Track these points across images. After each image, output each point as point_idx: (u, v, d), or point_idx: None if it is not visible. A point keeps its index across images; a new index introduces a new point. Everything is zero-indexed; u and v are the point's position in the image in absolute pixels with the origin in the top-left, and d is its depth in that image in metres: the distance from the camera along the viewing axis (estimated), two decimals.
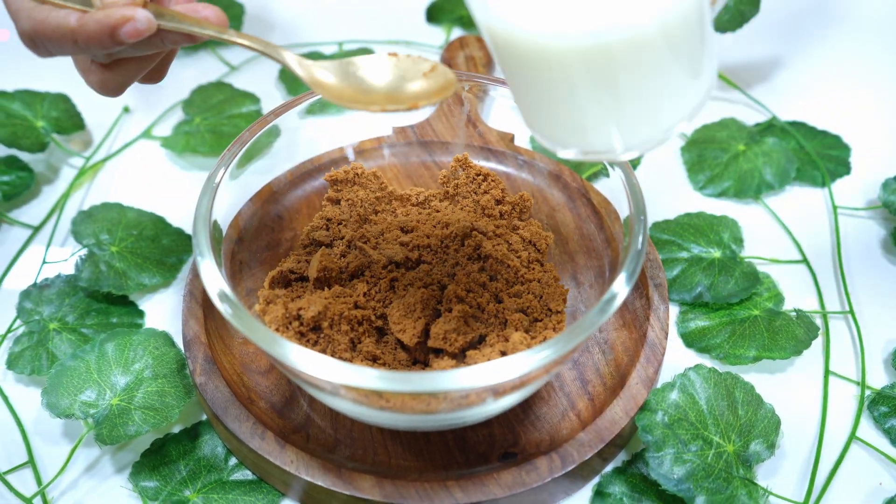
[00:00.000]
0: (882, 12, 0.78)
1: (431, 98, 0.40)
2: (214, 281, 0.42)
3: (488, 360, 0.44)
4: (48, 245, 0.59)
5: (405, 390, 0.38)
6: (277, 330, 0.45)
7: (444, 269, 0.49)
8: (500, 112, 0.63)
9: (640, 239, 0.44)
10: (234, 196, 0.50)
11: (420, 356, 0.47)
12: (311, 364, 0.39)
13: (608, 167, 0.49)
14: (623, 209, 0.47)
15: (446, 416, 0.42)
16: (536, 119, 0.41)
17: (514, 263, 0.50)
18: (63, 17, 0.39)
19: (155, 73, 0.45)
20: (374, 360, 0.46)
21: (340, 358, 0.45)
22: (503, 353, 0.45)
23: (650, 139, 0.39)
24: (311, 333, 0.46)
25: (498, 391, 0.41)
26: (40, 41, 0.40)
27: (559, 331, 0.47)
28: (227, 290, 0.42)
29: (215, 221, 0.46)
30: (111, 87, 0.44)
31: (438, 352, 0.46)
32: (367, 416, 0.43)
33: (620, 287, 0.42)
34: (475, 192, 0.54)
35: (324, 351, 0.45)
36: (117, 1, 0.40)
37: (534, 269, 0.51)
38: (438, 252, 0.50)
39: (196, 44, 0.41)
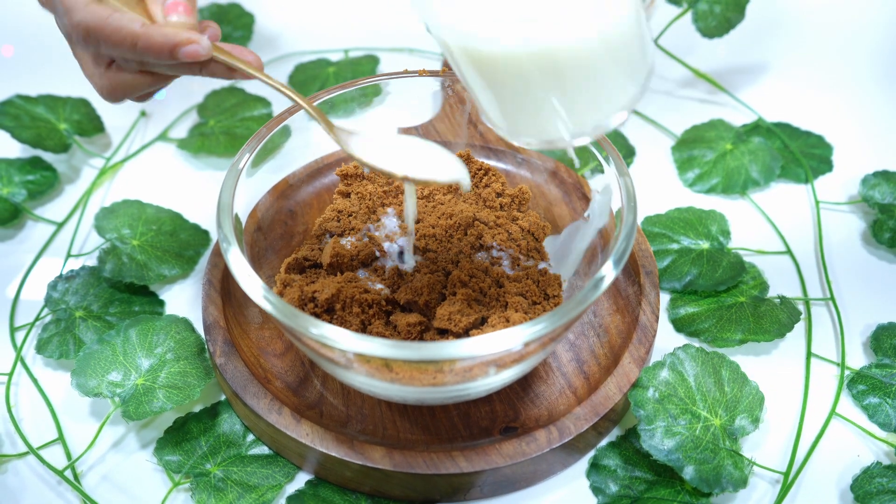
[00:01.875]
0: (861, 19, 0.82)
1: (442, 184, 0.47)
2: (240, 264, 0.46)
3: None
4: (72, 239, 0.62)
5: (413, 358, 0.41)
6: None
7: (449, 257, 0.52)
8: None
9: (630, 223, 0.47)
10: (251, 191, 0.53)
11: (426, 337, 0.50)
12: (329, 336, 0.42)
13: (602, 163, 0.52)
14: (616, 203, 0.51)
15: (452, 389, 0.45)
16: (492, 113, 0.45)
17: (513, 251, 0.53)
18: (128, 20, 0.43)
19: (148, 95, 0.50)
20: None
21: None
22: None
23: (597, 127, 0.44)
24: (325, 315, 0.49)
25: (499, 363, 0.44)
26: (94, 36, 0.44)
27: None
28: (252, 272, 0.45)
29: (236, 214, 0.49)
30: (118, 94, 0.47)
31: (444, 332, 0.49)
32: (377, 390, 0.46)
33: (608, 270, 0.45)
34: (477, 186, 0.58)
35: None
36: (179, 22, 0.44)
37: (532, 256, 0.54)
38: (443, 241, 0.54)
39: (232, 79, 0.47)
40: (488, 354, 0.42)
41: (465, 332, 0.49)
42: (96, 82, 0.47)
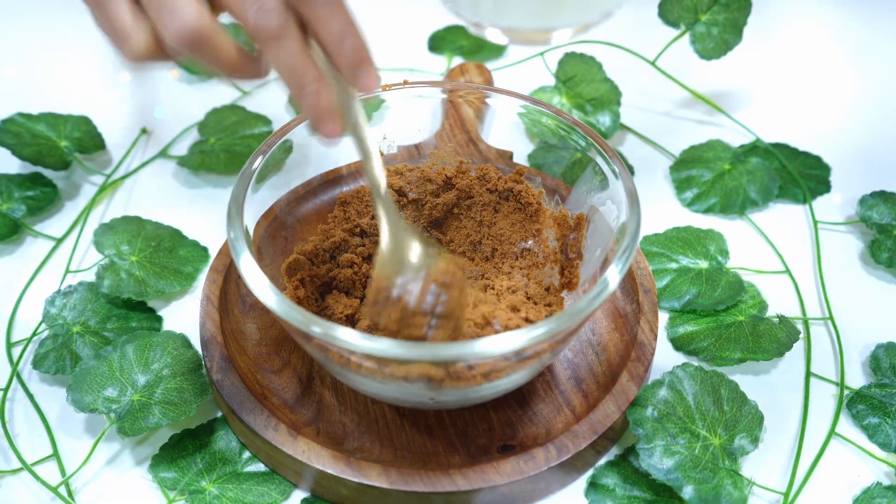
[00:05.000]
0: (858, 40, 0.83)
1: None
2: (252, 269, 0.46)
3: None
4: (71, 255, 0.62)
5: (423, 358, 0.42)
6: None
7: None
8: (499, 131, 0.67)
9: (633, 228, 0.48)
10: (254, 205, 0.53)
11: None
12: (337, 336, 0.43)
13: (606, 173, 0.52)
14: (614, 219, 0.51)
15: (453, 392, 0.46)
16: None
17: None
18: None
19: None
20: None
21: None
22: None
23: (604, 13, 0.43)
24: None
25: (500, 368, 0.44)
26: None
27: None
28: (265, 278, 0.46)
29: (246, 227, 0.49)
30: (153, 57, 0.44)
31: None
32: (384, 391, 0.47)
33: (612, 274, 0.45)
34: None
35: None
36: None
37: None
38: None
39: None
40: (497, 355, 0.42)
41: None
42: (131, 35, 0.42)
